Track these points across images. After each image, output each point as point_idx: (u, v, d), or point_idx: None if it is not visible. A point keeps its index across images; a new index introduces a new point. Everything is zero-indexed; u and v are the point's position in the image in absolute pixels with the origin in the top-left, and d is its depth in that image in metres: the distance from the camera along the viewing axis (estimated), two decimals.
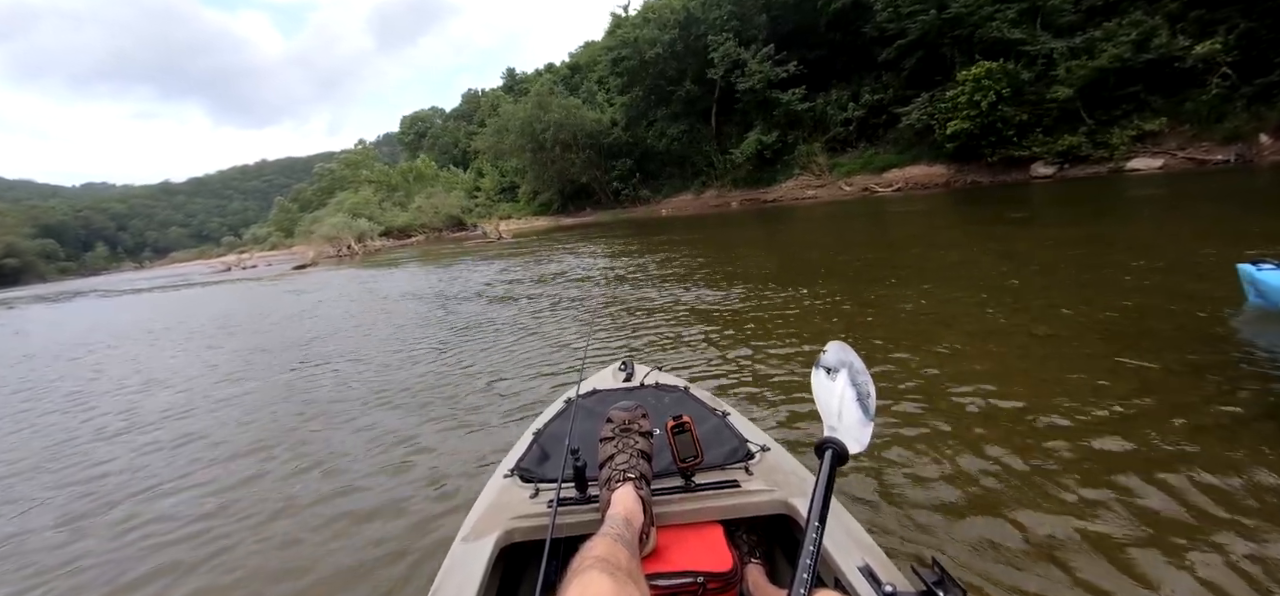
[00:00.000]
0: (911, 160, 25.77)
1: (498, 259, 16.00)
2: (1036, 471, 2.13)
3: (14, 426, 4.68)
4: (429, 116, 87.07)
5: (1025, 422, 2.52)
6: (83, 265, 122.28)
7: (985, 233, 9.18)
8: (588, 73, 51.50)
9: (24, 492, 3.26)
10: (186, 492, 2.95)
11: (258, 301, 13.22)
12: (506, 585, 1.28)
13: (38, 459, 3.81)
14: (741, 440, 1.44)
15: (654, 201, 38.07)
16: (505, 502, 1.31)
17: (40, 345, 10.09)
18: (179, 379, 5.77)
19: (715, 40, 31.44)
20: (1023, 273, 5.73)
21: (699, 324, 5.11)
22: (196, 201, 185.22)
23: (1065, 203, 12.69)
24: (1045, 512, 1.88)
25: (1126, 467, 2.09)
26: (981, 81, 20.67)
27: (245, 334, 8.30)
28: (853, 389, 1.18)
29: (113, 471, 3.40)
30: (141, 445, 3.81)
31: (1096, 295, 4.44)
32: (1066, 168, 20.24)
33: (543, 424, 1.70)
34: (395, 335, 6.60)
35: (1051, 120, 20.26)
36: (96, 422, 4.47)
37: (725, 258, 9.89)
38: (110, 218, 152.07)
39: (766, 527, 1.34)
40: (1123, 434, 2.32)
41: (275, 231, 78.95)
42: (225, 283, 23.26)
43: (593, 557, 0.79)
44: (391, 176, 58.92)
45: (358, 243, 33.78)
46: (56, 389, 6.00)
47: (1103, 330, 3.67)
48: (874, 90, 28.95)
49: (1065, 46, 19.87)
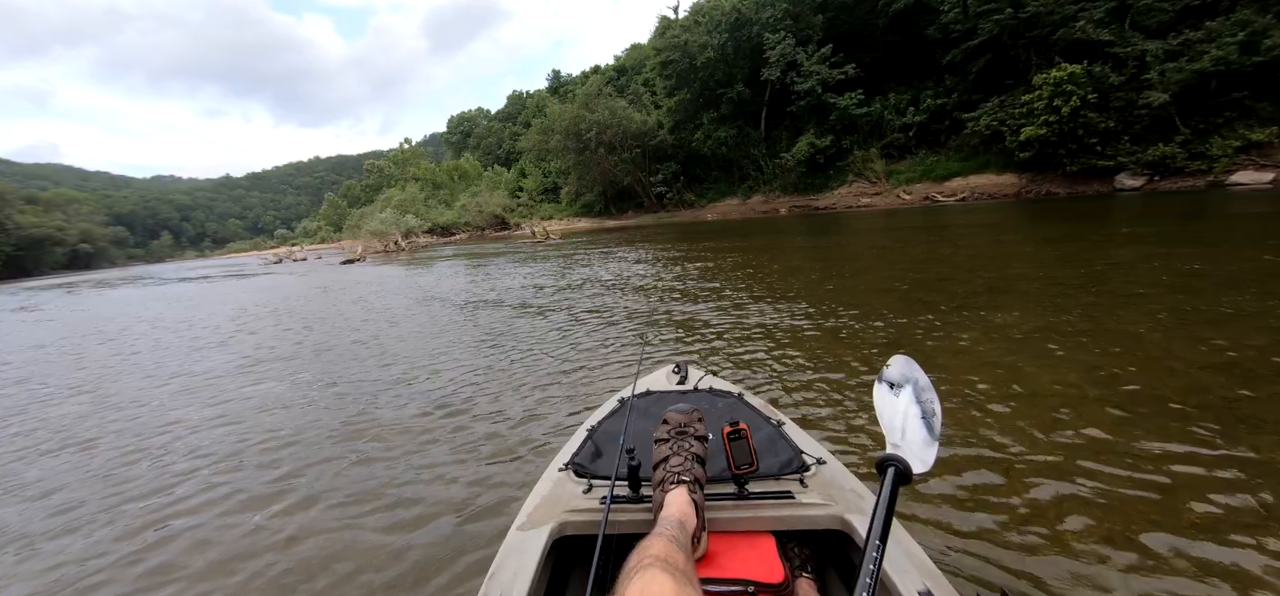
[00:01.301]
0: (977, 168, 24.33)
1: (547, 259, 15.64)
2: (1116, 513, 1.92)
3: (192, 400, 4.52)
4: (475, 117, 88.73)
5: (1112, 461, 2.24)
6: (149, 252, 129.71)
7: (1071, 251, 8.08)
8: (634, 75, 51.25)
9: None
10: (259, 471, 3.04)
11: (314, 293, 13.19)
12: (557, 575, 1.28)
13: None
14: (796, 451, 1.41)
15: (699, 206, 37.38)
16: (559, 495, 1.32)
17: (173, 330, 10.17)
18: (275, 364, 5.79)
19: (771, 39, 30.53)
20: (1122, 294, 4.93)
21: (752, 331, 4.90)
22: (253, 195, 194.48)
23: (1161, 217, 11.38)
24: (1122, 554, 1.72)
25: (1225, 528, 1.78)
26: (1063, 85, 19.24)
27: (301, 323, 8.19)
28: (917, 406, 1.11)
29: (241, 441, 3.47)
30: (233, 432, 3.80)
31: (1215, 329, 3.69)
32: (1157, 180, 18.63)
33: (597, 421, 1.69)
34: (450, 329, 6.60)
35: (1141, 128, 18.67)
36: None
37: (778, 265, 9.38)
38: (175, 209, 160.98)
39: (819, 542, 1.30)
40: (1227, 490, 1.96)
41: (325, 226, 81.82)
42: (277, 274, 23.68)
43: (651, 556, 0.78)
44: (437, 174, 60.05)
45: (404, 239, 34.19)
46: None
47: (1222, 368, 3.02)
48: (936, 94, 27.59)
49: (1159, 48, 18.28)
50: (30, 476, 3.27)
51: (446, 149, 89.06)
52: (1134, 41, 18.83)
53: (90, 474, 3.22)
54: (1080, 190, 20.18)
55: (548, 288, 9.36)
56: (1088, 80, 19.13)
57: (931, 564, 1.05)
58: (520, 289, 9.45)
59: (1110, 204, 16.46)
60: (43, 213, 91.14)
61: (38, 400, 5.10)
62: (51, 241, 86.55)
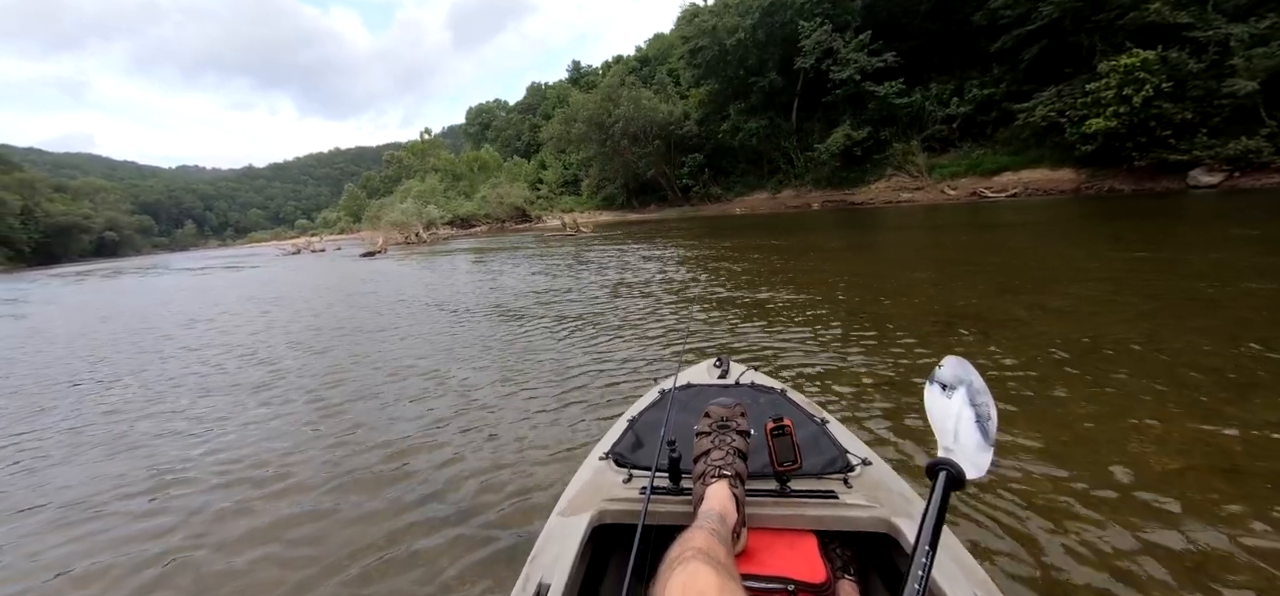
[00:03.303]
0: (1029, 163, 22.85)
1: (581, 257, 14.69)
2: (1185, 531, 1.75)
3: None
4: (493, 109, 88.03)
5: (1179, 480, 2.03)
6: (173, 241, 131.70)
7: (1170, 257, 6.84)
8: (657, 65, 49.98)
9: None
10: (311, 466, 3.01)
11: (342, 283, 12.42)
12: (596, 562, 1.25)
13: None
14: (841, 450, 1.34)
15: (726, 199, 36.20)
16: (599, 484, 1.31)
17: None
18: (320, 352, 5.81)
19: (806, 26, 29.18)
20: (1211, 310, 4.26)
21: (793, 329, 4.77)
22: (274, 186, 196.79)
23: (1262, 217, 10.09)
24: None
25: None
26: (1135, 73, 17.76)
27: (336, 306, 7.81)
28: (971, 410, 1.04)
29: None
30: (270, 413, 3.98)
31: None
32: (1236, 176, 17.11)
33: (637, 412, 1.66)
34: (491, 322, 6.54)
35: (1222, 120, 17.15)
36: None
37: (815, 263, 8.96)
38: (199, 198, 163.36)
39: (862, 544, 1.24)
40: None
41: (344, 216, 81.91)
42: (286, 268, 23.07)
43: (693, 549, 0.77)
44: (456, 165, 59.45)
45: (426, 230, 33.51)
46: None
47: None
48: (982, 84, 26.09)
49: (1245, 32, 16.71)
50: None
51: (465, 141, 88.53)
52: (1216, 24, 17.26)
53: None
54: (1148, 187, 18.68)
55: (587, 283, 8.47)
56: (1162, 67, 17.63)
57: (983, 573, 0.99)
58: (580, 293, 8.43)
59: (1186, 201, 15.08)
60: (71, 201, 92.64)
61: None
62: (79, 229, 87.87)
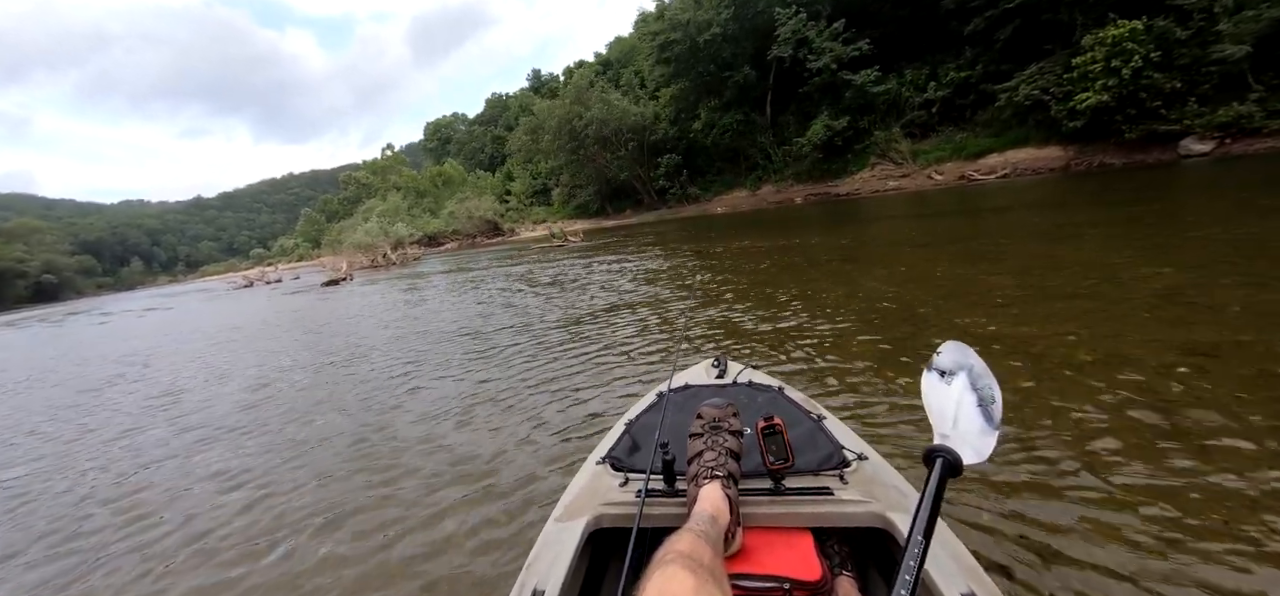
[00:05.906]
0: (1014, 143, 22.53)
1: (578, 261, 13.40)
2: (1188, 525, 1.69)
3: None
4: (452, 123, 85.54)
5: (1187, 465, 1.95)
6: (119, 280, 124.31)
7: (1183, 233, 6.12)
8: (620, 68, 48.92)
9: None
10: (321, 471, 2.98)
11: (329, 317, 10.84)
12: (594, 567, 1.26)
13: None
14: (836, 446, 1.33)
15: (705, 200, 35.31)
16: (596, 488, 1.31)
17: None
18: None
19: (782, 14, 28.52)
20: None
21: (788, 327, 4.65)
22: (227, 216, 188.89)
23: (1260, 182, 9.55)
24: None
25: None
26: (1122, 44, 17.45)
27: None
28: (973, 393, 1.02)
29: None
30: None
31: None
32: (1228, 142, 16.91)
33: (634, 415, 1.66)
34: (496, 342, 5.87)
35: (1211, 87, 16.95)
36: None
37: (806, 260, 8.57)
38: (145, 233, 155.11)
39: (860, 540, 1.25)
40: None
41: (303, 242, 78.36)
42: (227, 305, 21.03)
43: (675, 552, 0.78)
44: (419, 182, 57.27)
45: (395, 251, 31.57)
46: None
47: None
48: (958, 67, 25.82)
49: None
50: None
51: (426, 157, 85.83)
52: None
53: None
54: (1139, 160, 18.39)
55: (592, 288, 7.28)
56: (1148, 36, 17.37)
57: (976, 564, 0.97)
58: (552, 295, 7.26)
59: (1180, 171, 14.71)
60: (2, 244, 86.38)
61: None
62: (13, 274, 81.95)
